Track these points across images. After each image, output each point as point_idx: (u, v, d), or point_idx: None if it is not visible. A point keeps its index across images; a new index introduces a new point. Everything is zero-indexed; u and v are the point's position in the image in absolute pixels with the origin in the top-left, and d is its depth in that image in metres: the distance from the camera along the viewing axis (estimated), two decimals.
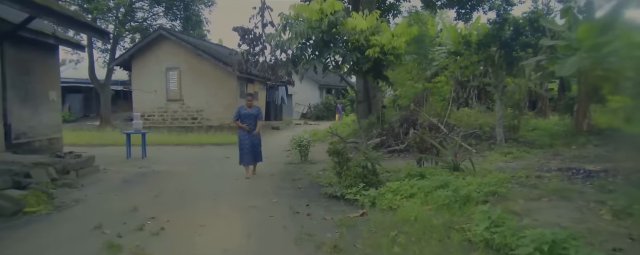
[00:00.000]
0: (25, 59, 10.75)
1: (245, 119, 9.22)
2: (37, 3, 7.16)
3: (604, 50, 11.61)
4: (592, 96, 12.97)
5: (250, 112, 9.26)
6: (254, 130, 9.21)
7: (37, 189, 6.80)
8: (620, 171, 7.61)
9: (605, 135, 11.59)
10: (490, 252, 4.01)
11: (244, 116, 9.22)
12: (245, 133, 9.17)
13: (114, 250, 4.37)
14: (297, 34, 7.00)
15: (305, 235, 4.85)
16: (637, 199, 5.29)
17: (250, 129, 9.15)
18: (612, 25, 11.07)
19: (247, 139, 9.15)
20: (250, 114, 9.24)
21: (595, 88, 12.95)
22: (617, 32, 10.40)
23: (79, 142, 15.22)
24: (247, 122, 9.20)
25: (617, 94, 13.33)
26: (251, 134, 9.17)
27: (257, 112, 9.37)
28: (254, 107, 9.40)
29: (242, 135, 9.21)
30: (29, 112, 11.06)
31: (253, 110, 9.32)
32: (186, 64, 20.45)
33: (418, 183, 6.57)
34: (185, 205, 6.54)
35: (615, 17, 10.44)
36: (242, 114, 9.25)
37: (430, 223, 4.88)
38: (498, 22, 13.56)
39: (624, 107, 7.27)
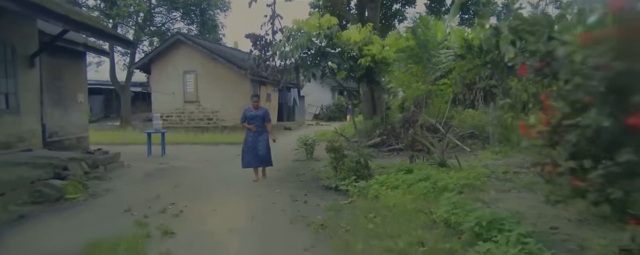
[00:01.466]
0: (58, 65, 11.91)
1: (252, 121, 8.95)
2: (77, 20, 8.26)
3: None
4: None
5: (256, 113, 8.99)
6: (261, 134, 8.93)
7: (74, 179, 7.88)
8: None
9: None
10: (447, 229, 4.91)
11: (250, 118, 8.97)
12: (252, 135, 8.90)
13: (143, 226, 5.38)
14: (298, 45, 8.00)
15: (300, 217, 5.82)
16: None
17: (257, 129, 8.91)
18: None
19: (252, 141, 8.87)
20: (256, 116, 8.97)
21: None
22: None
23: (102, 141, 16.33)
24: (254, 124, 8.92)
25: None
26: (257, 136, 8.87)
27: (263, 113, 9.07)
28: (260, 109, 9.12)
29: (248, 137, 8.96)
30: (60, 113, 12.22)
31: (259, 111, 9.04)
32: (202, 67, 21.55)
33: (404, 177, 7.49)
34: (200, 194, 7.55)
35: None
36: (248, 115, 9.00)
37: (405, 208, 5.81)
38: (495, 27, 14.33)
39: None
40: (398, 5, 20.61)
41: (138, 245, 4.62)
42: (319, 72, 8.51)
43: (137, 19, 28.67)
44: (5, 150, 8.82)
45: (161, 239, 4.95)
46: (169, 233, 5.13)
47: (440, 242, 4.45)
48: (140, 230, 5.18)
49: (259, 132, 8.94)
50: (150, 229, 5.27)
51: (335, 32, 8.03)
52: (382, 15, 19.88)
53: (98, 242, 4.62)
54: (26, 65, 9.60)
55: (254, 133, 8.88)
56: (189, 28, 31.18)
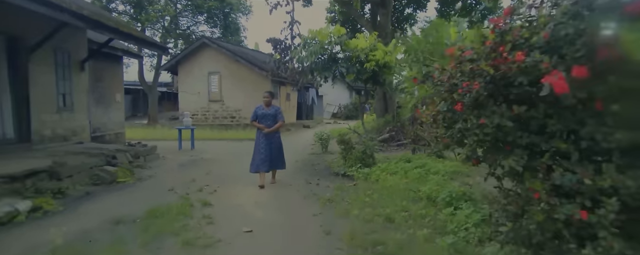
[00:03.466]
0: (99, 68, 13.43)
1: (263, 120, 8.38)
2: (124, 32, 9.72)
3: None
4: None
5: (267, 112, 8.39)
6: (272, 134, 8.36)
7: (122, 167, 9.31)
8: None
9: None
10: (428, 202, 6.16)
11: (261, 117, 8.39)
12: (263, 135, 8.31)
13: (186, 200, 6.75)
14: (312, 52, 9.32)
15: (312, 194, 7.15)
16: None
17: (268, 129, 8.32)
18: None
19: (263, 142, 8.30)
20: (267, 114, 8.37)
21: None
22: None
23: (135, 137, 17.83)
24: (265, 124, 8.33)
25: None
26: (269, 137, 8.28)
27: (275, 112, 8.43)
28: (273, 107, 8.50)
29: (259, 138, 8.39)
30: (102, 111, 13.76)
31: (271, 109, 8.43)
32: (226, 68, 23.00)
33: (403, 165, 8.76)
34: (229, 179, 8.89)
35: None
36: (259, 114, 8.42)
37: (399, 188, 7.07)
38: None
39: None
40: (410, 9, 21.77)
41: (185, 211, 5.98)
42: (330, 75, 9.83)
43: (164, 22, 30.32)
44: (64, 142, 10.33)
45: (201, 208, 6.31)
46: (207, 204, 6.49)
47: (419, 210, 5.71)
48: (185, 202, 6.53)
49: (271, 132, 8.38)
50: (192, 201, 6.63)
51: (344, 41, 9.34)
52: (395, 19, 21.07)
53: (155, 209, 5.99)
54: (78, 69, 11.11)
55: (266, 134, 8.29)
56: (212, 31, 32.81)
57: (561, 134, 2.41)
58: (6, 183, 6.45)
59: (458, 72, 2.61)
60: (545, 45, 2.43)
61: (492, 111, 2.43)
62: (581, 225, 2.27)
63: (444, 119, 2.73)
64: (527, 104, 2.42)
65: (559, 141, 2.40)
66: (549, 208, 2.38)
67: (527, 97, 2.42)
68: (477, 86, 2.44)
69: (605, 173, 2.23)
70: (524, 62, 2.33)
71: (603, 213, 2.17)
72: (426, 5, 21.48)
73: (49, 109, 10.00)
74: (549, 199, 2.37)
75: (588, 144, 2.33)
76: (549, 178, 2.38)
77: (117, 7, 29.63)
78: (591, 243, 2.22)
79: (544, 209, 2.40)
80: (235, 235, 5.02)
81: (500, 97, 2.50)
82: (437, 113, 2.81)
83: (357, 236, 4.72)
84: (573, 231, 2.33)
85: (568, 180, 2.31)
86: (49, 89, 10.04)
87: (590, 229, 2.25)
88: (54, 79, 10.15)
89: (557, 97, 2.24)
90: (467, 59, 2.57)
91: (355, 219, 5.50)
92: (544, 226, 2.44)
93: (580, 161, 2.37)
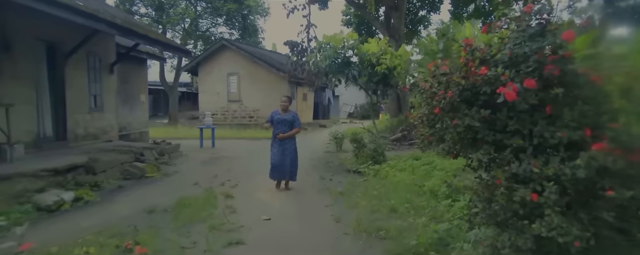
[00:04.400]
0: (125, 70, 14.21)
1: (278, 126, 7.83)
2: (152, 37, 10.49)
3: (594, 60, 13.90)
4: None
5: (284, 117, 7.83)
6: (288, 143, 7.89)
7: (149, 163, 10.04)
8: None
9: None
10: (431, 195, 6.72)
11: (277, 122, 7.85)
12: (277, 143, 7.86)
13: (210, 192, 7.42)
14: (326, 56, 9.94)
15: (325, 188, 7.77)
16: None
17: (283, 136, 7.83)
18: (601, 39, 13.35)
19: (276, 148, 7.87)
20: (284, 120, 7.81)
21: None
22: (605, 45, 12.69)
23: (157, 136, 18.64)
24: (281, 130, 7.82)
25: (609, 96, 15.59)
26: (283, 144, 7.83)
27: (292, 117, 7.88)
28: (289, 112, 7.95)
29: (274, 147, 7.93)
30: (127, 111, 14.56)
31: (288, 115, 7.87)
32: (244, 69, 23.75)
33: (411, 162, 9.33)
34: (248, 175, 9.55)
35: (604, 32, 12.75)
36: (276, 119, 7.88)
37: (405, 183, 7.65)
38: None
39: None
40: (423, 12, 22.27)
41: (210, 202, 6.65)
42: (343, 77, 10.44)
43: (184, 24, 31.25)
44: (95, 140, 11.12)
45: (225, 199, 6.97)
46: (230, 196, 7.16)
47: (421, 202, 6.29)
48: (209, 195, 7.21)
49: (287, 139, 7.88)
50: (216, 194, 7.30)
51: (356, 45, 9.95)
52: (409, 21, 21.58)
53: (183, 200, 6.68)
54: (107, 72, 11.89)
55: (280, 142, 7.86)
56: (231, 32, 33.64)
57: (519, 133, 2.98)
58: (51, 176, 7.20)
59: (436, 83, 3.21)
60: (508, 61, 3.00)
61: (464, 114, 3.01)
62: (533, 205, 2.83)
63: (428, 120, 3.32)
64: (493, 108, 3.00)
65: (517, 138, 2.96)
66: (508, 192, 2.95)
67: (492, 103, 2.99)
68: (450, 94, 3.02)
69: (551, 164, 2.79)
70: (487, 75, 2.91)
71: (548, 195, 2.74)
72: (439, 7, 21.98)
73: (82, 110, 10.79)
74: (508, 184, 2.94)
75: (539, 141, 2.89)
76: (509, 168, 2.94)
77: (139, 9, 30.68)
78: (539, 220, 2.79)
79: (504, 193, 2.98)
80: (255, 222, 5.67)
81: (471, 103, 3.08)
82: (422, 115, 3.40)
83: (363, 223, 5.32)
84: (527, 211, 2.89)
85: (522, 169, 2.86)
86: (82, 91, 10.82)
87: (539, 208, 2.82)
88: (86, 82, 10.94)
89: (512, 103, 2.81)
90: (441, 73, 3.17)
91: (363, 210, 6.10)
92: (505, 207, 3.01)
93: (534, 154, 2.93)
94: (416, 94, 3.81)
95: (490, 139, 3.08)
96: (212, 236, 5.02)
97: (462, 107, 3.06)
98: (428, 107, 3.31)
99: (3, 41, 8.09)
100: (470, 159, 3.26)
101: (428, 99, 3.29)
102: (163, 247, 4.52)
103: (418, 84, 3.51)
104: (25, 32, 8.72)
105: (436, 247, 4.05)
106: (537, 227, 2.77)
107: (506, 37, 3.12)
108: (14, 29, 8.37)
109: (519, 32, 3.03)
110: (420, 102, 3.45)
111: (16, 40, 8.44)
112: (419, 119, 3.46)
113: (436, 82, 3.21)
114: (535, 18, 3.08)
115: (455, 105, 3.08)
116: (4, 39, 8.10)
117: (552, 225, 2.69)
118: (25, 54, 8.83)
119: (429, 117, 3.29)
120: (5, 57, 8.18)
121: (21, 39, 8.61)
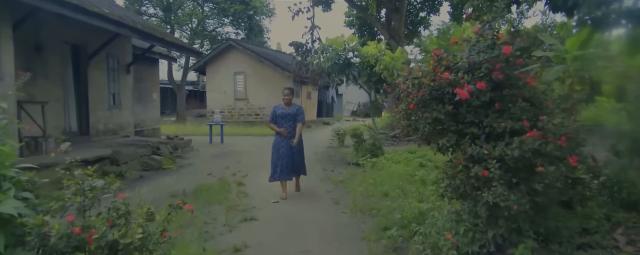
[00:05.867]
0: (139, 70, 15.09)
1: (282, 121, 7.38)
2: (167, 40, 11.35)
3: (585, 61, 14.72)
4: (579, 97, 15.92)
5: (287, 111, 7.38)
6: (293, 138, 7.31)
7: (165, 156, 10.92)
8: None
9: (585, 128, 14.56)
10: (421, 183, 7.54)
11: (281, 117, 7.39)
12: (282, 139, 7.34)
13: (223, 181, 8.28)
14: (328, 58, 10.78)
15: (327, 178, 8.64)
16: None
17: (288, 133, 7.35)
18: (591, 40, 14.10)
19: (284, 147, 7.31)
20: (287, 114, 7.37)
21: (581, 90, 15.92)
22: (595, 46, 13.47)
23: (168, 133, 19.54)
24: (285, 125, 7.36)
25: (598, 95, 16.51)
26: (289, 141, 7.30)
27: (296, 111, 7.42)
28: (293, 106, 7.49)
29: (278, 142, 7.40)
30: (141, 109, 15.44)
31: (291, 109, 7.41)
32: (251, 69, 24.59)
33: (407, 155, 10.16)
34: (257, 167, 10.37)
35: (594, 34, 13.51)
36: (278, 114, 7.42)
37: (399, 173, 8.48)
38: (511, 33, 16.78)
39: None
40: (423, 13, 23.05)
41: (225, 188, 7.53)
42: (344, 77, 11.29)
43: (192, 25, 32.15)
44: (113, 135, 12.00)
45: (237, 187, 7.83)
46: (241, 184, 8.03)
47: (412, 188, 7.11)
48: (223, 182, 8.08)
49: (292, 135, 7.39)
50: (229, 182, 8.17)
51: (356, 48, 10.79)
52: (409, 22, 22.37)
53: (201, 187, 7.55)
54: (124, 72, 12.77)
55: (286, 138, 7.35)
56: (237, 32, 34.51)
57: (475, 123, 3.81)
58: (81, 166, 8.05)
59: (411, 84, 4.03)
60: (467, 67, 3.82)
61: (433, 109, 3.84)
62: (485, 179, 3.65)
63: (405, 114, 4.15)
64: (455, 104, 3.83)
65: (473, 128, 3.79)
66: (466, 170, 3.78)
67: (455, 100, 3.82)
68: (422, 93, 3.85)
69: (497, 147, 3.62)
70: (449, 79, 3.74)
71: (494, 171, 3.56)
72: (439, 9, 22.76)
73: (102, 107, 11.67)
74: (466, 164, 3.77)
75: (490, 130, 3.72)
76: (466, 151, 3.77)
77: (147, 9, 31.59)
78: (488, 190, 3.62)
79: (463, 170, 3.81)
80: (265, 204, 6.54)
81: (439, 100, 3.91)
82: (401, 110, 4.23)
83: (358, 204, 6.18)
84: (480, 183, 3.71)
85: (477, 152, 3.68)
86: (103, 90, 11.70)
87: (489, 181, 3.65)
88: (106, 81, 11.82)
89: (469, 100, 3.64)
90: (413, 77, 4.00)
91: (359, 194, 6.95)
92: (464, 181, 3.84)
93: (486, 140, 3.76)
94: (397, 94, 4.59)
95: (453, 128, 3.91)
96: (229, 214, 5.88)
97: (431, 103, 3.89)
98: (405, 103, 4.14)
99: (36, 45, 8.96)
100: (438, 144, 4.07)
101: (405, 97, 4.12)
102: (190, 222, 5.38)
103: (398, 85, 4.33)
104: (54, 36, 9.59)
105: (417, 219, 4.87)
106: (487, 196, 3.60)
107: (467, 49, 3.96)
108: (45, 34, 9.24)
109: (474, 46, 3.86)
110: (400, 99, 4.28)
111: (47, 44, 9.32)
112: (399, 114, 4.29)
113: (411, 84, 4.04)
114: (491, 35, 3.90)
115: (425, 102, 3.91)
116: (37, 42, 8.97)
117: (497, 194, 3.52)
118: (54, 56, 9.70)
119: (406, 111, 4.12)
120: (38, 59, 9.05)
121: (51, 42, 9.49)
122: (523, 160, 3.56)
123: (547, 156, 3.56)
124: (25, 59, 8.44)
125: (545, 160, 3.55)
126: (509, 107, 3.73)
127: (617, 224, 4.47)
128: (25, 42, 8.50)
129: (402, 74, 4.64)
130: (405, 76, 4.16)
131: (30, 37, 8.75)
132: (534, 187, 3.58)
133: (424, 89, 3.89)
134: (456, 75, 3.76)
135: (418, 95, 3.89)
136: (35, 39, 8.97)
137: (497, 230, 3.82)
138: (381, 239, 4.78)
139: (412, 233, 4.59)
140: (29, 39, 8.74)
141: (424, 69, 4.12)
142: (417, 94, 3.90)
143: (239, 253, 4.55)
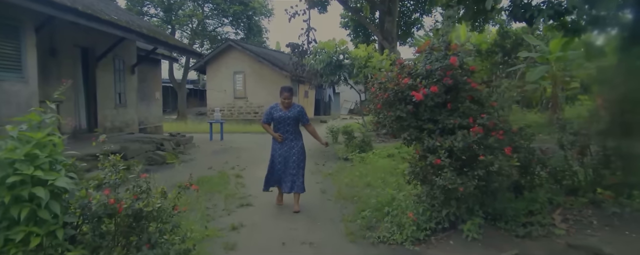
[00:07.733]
0: (143, 70, 15.84)
1: (281, 125, 6.29)
2: (170, 43, 12.11)
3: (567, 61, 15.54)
4: (562, 96, 16.72)
5: (287, 114, 6.24)
6: (291, 143, 6.39)
7: (168, 152, 11.69)
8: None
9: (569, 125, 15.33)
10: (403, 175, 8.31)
11: (279, 120, 6.26)
12: (279, 145, 6.37)
13: (223, 174, 9.06)
14: (320, 60, 11.56)
15: (317, 171, 9.42)
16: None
17: (285, 138, 6.36)
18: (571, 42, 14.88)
19: (281, 154, 6.39)
20: (287, 117, 6.24)
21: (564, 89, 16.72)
22: (578, 48, 14.26)
23: (170, 130, 20.30)
24: (284, 130, 6.31)
25: (581, 93, 17.39)
26: (288, 146, 6.38)
27: (297, 113, 6.32)
28: (294, 107, 6.34)
29: (276, 149, 6.44)
30: (145, 107, 16.22)
31: (291, 111, 6.27)
32: (250, 68, 25.36)
33: (393, 151, 10.94)
34: (254, 162, 11.16)
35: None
36: (276, 117, 6.25)
37: (385, 166, 9.27)
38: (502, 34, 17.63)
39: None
40: (417, 14, 23.82)
41: (224, 180, 8.32)
42: (335, 78, 12.08)
43: (192, 25, 32.91)
44: (119, 132, 12.78)
45: (235, 179, 8.63)
46: (239, 176, 8.83)
47: (393, 179, 7.89)
48: (223, 175, 8.86)
49: (290, 139, 6.40)
50: (228, 174, 8.95)
51: (347, 51, 11.58)
52: (403, 23, 23.13)
53: (202, 179, 8.33)
54: (129, 72, 13.54)
55: (283, 143, 6.38)
56: (237, 32, 35.27)
57: (431, 120, 4.59)
58: (92, 160, 8.82)
59: (378, 88, 4.82)
60: (424, 74, 4.60)
61: (396, 108, 4.62)
62: (438, 167, 4.44)
63: (375, 113, 4.94)
64: (415, 104, 4.61)
65: (430, 124, 4.58)
66: (424, 159, 4.57)
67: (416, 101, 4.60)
68: (387, 95, 4.64)
69: (448, 140, 4.40)
70: (408, 83, 4.53)
71: (444, 160, 4.34)
72: (431, 11, 23.51)
73: (109, 105, 12.44)
74: (423, 154, 4.56)
75: (442, 126, 4.51)
76: (423, 143, 4.56)
77: (148, 10, 32.33)
78: (440, 176, 4.40)
79: (421, 159, 4.60)
80: (261, 193, 7.29)
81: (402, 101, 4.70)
82: (371, 109, 5.02)
83: (343, 193, 6.98)
84: (435, 170, 4.50)
85: (431, 144, 4.47)
86: (109, 89, 12.47)
87: (442, 169, 4.43)
88: (112, 81, 12.60)
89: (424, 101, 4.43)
90: (379, 82, 4.79)
91: (344, 185, 7.74)
92: (423, 169, 4.63)
93: (440, 134, 4.55)
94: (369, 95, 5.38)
95: (414, 124, 4.70)
96: (227, 201, 6.67)
97: (395, 103, 4.67)
98: (374, 103, 4.93)
99: (51, 48, 9.73)
100: (403, 138, 4.85)
101: (374, 98, 4.91)
102: (193, 207, 6.16)
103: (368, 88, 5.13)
104: (67, 40, 10.37)
105: (389, 203, 5.65)
106: (439, 180, 4.38)
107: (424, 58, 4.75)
108: (59, 38, 10.01)
109: (428, 56, 4.65)
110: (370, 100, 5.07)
111: (60, 48, 10.09)
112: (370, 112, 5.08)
113: (378, 88, 4.83)
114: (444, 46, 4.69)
115: (390, 103, 4.69)
116: (52, 47, 9.75)
117: (447, 179, 4.31)
118: (67, 58, 10.47)
119: (375, 110, 4.91)
120: (53, 62, 9.83)
121: (64, 46, 10.27)
122: (469, 150, 4.35)
123: (488, 147, 4.34)
124: (43, 62, 9.20)
125: (487, 151, 4.33)
126: (458, 107, 4.51)
127: (558, 206, 5.28)
128: (43, 47, 9.26)
129: (373, 78, 5.42)
130: (373, 81, 4.95)
131: (46, 42, 9.53)
132: (478, 173, 4.37)
133: (389, 91, 4.67)
134: (415, 81, 4.54)
135: (384, 96, 4.67)
136: (51, 44, 9.75)
137: (450, 209, 4.61)
138: (357, 220, 5.57)
139: (384, 215, 5.37)
140: (46, 43, 9.51)
141: (388, 74, 4.89)
142: (383, 95, 4.68)
143: (236, 230, 5.34)
